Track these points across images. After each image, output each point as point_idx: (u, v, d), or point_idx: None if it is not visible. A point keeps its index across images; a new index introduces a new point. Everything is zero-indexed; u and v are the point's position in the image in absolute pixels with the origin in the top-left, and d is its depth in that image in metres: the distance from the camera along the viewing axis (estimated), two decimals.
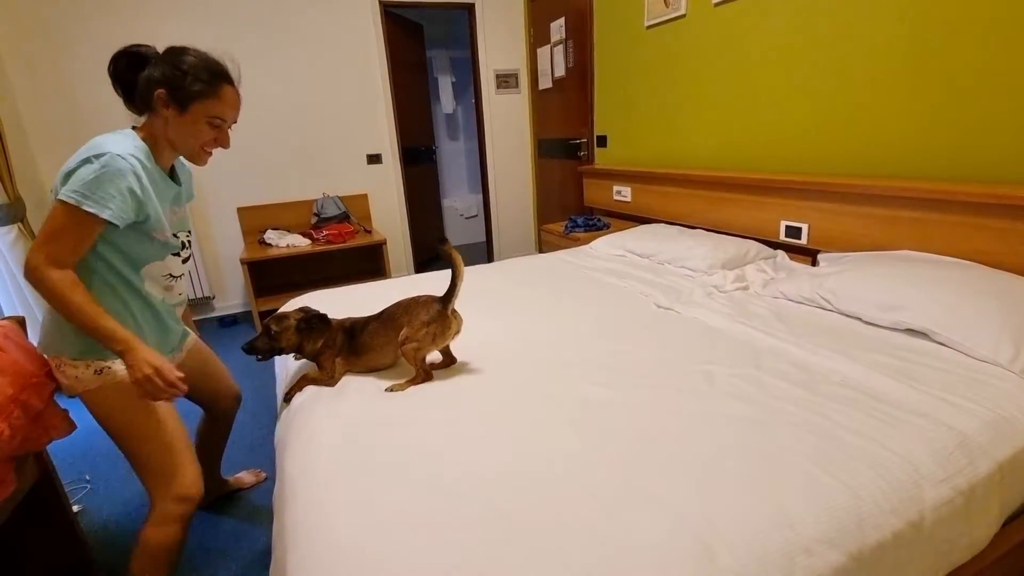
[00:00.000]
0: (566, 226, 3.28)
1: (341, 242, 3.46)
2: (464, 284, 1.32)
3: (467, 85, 5.40)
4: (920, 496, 0.89)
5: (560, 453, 1.00)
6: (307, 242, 3.45)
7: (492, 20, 4.14)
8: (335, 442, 1.08)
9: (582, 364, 1.37)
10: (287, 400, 1.35)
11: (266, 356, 1.37)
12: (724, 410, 1.11)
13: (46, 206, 1.07)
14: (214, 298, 3.75)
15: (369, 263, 3.90)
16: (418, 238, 4.41)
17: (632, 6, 2.99)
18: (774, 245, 2.19)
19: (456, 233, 5.70)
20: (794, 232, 2.07)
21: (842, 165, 2.01)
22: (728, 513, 0.82)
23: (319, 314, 1.40)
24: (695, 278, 2.04)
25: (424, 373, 1.31)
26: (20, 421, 1.15)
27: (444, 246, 1.29)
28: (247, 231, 3.68)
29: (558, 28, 3.72)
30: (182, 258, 1.27)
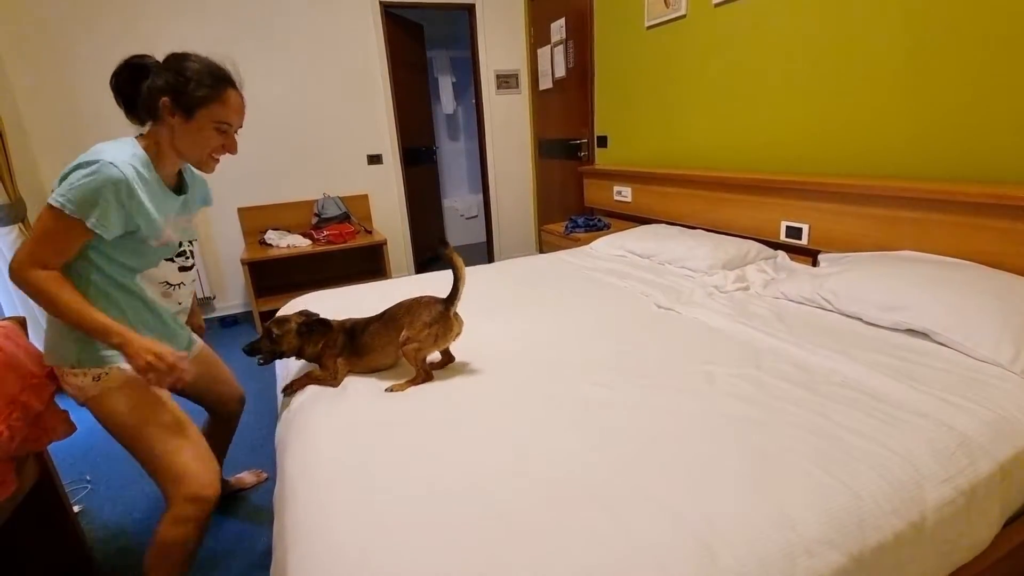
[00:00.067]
0: (566, 226, 3.28)
1: (342, 242, 3.46)
2: (465, 286, 1.32)
3: (467, 85, 5.41)
4: (921, 496, 0.89)
5: (560, 453, 1.00)
6: (308, 242, 3.45)
7: (492, 20, 4.14)
8: (336, 442, 1.08)
9: (582, 364, 1.37)
10: (286, 392, 1.36)
11: (268, 360, 1.37)
12: (724, 410, 1.11)
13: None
14: (215, 298, 3.75)
15: (370, 263, 3.90)
16: (418, 238, 4.41)
17: (632, 6, 2.99)
18: (774, 245, 2.19)
19: (456, 233, 5.70)
20: (794, 232, 2.07)
21: (842, 165, 2.01)
22: (729, 513, 0.82)
23: (320, 318, 1.40)
24: (695, 278, 2.04)
25: (424, 373, 1.31)
26: (20, 422, 1.15)
27: (445, 249, 1.29)
28: (247, 231, 3.68)
29: (558, 28, 3.72)
30: (179, 265, 1.25)
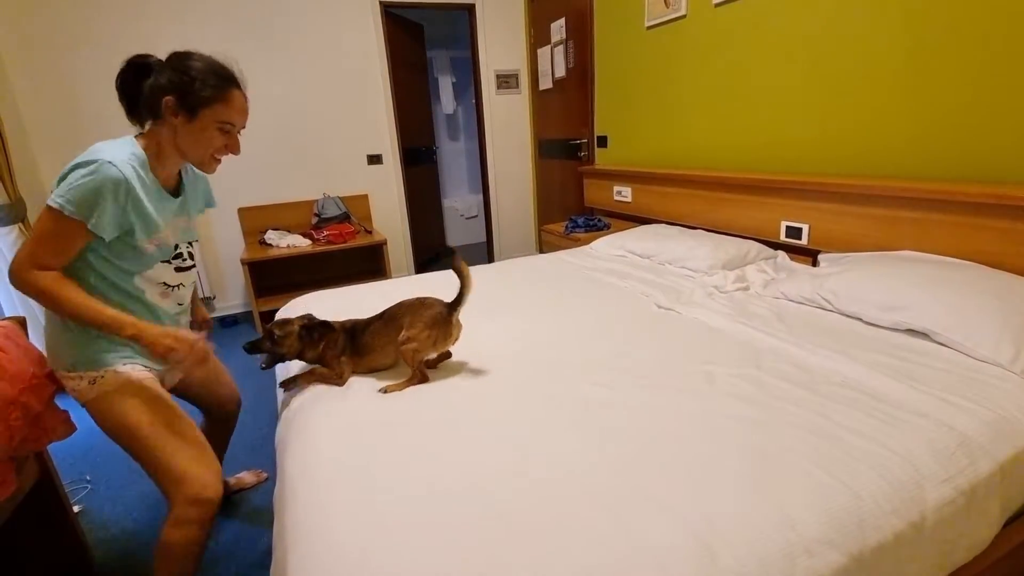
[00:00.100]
0: (566, 226, 3.28)
1: (342, 242, 3.46)
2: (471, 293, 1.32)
3: (467, 85, 5.41)
4: (921, 496, 0.89)
5: (560, 453, 1.00)
6: (308, 242, 3.45)
7: (492, 20, 4.14)
8: (336, 442, 1.08)
9: (582, 364, 1.37)
10: (285, 387, 1.36)
11: (269, 364, 1.36)
12: (725, 410, 1.11)
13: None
14: (215, 298, 3.75)
15: (369, 263, 3.90)
16: (418, 238, 4.41)
17: (632, 7, 2.99)
18: (774, 245, 2.19)
19: (456, 233, 5.70)
20: (794, 232, 2.07)
21: (842, 165, 2.01)
22: (729, 513, 0.82)
23: (322, 321, 1.39)
24: (695, 278, 2.04)
25: (420, 374, 1.31)
26: (20, 422, 1.15)
27: (453, 258, 1.29)
28: (247, 231, 3.68)
29: (558, 28, 3.72)
30: (175, 267, 1.23)
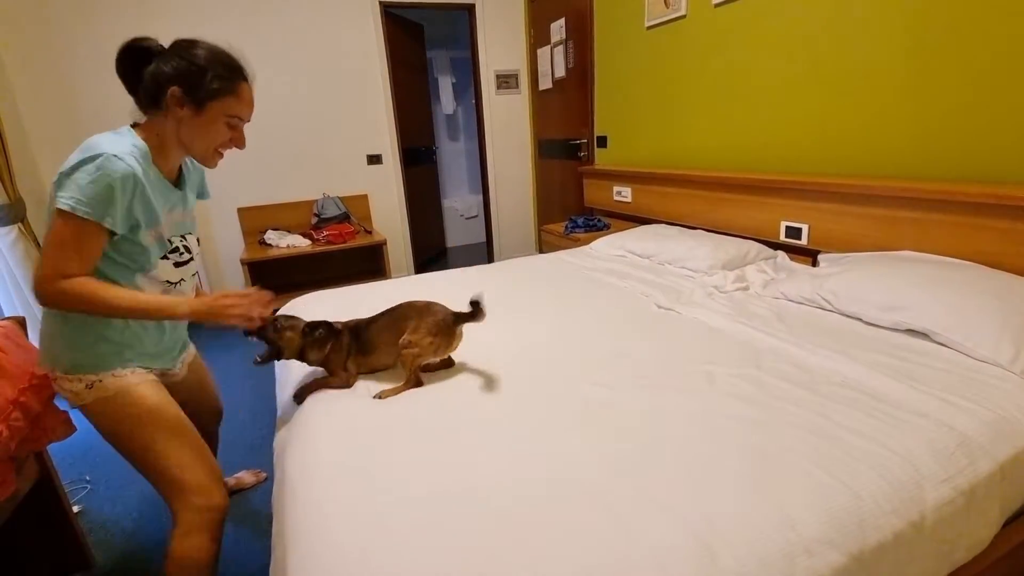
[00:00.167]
0: (566, 226, 3.28)
1: (341, 242, 3.46)
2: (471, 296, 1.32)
3: (467, 85, 5.41)
4: (921, 496, 0.89)
5: (560, 453, 1.00)
6: (307, 242, 3.45)
7: (492, 20, 4.14)
8: (335, 443, 1.08)
9: (582, 364, 1.37)
10: (297, 400, 1.32)
11: (266, 359, 1.32)
12: (725, 410, 1.11)
13: (46, 206, 1.03)
14: None
15: (369, 263, 3.90)
16: (418, 238, 4.41)
17: (632, 7, 2.99)
18: (774, 246, 2.19)
19: (456, 233, 5.70)
20: (794, 233, 2.07)
21: (842, 165, 2.01)
22: (729, 513, 0.82)
23: (328, 323, 1.35)
24: (695, 278, 2.04)
25: (415, 379, 1.30)
26: (19, 423, 1.15)
27: (479, 307, 1.30)
28: (247, 231, 3.68)
29: (558, 29, 3.72)
30: (173, 262, 1.17)
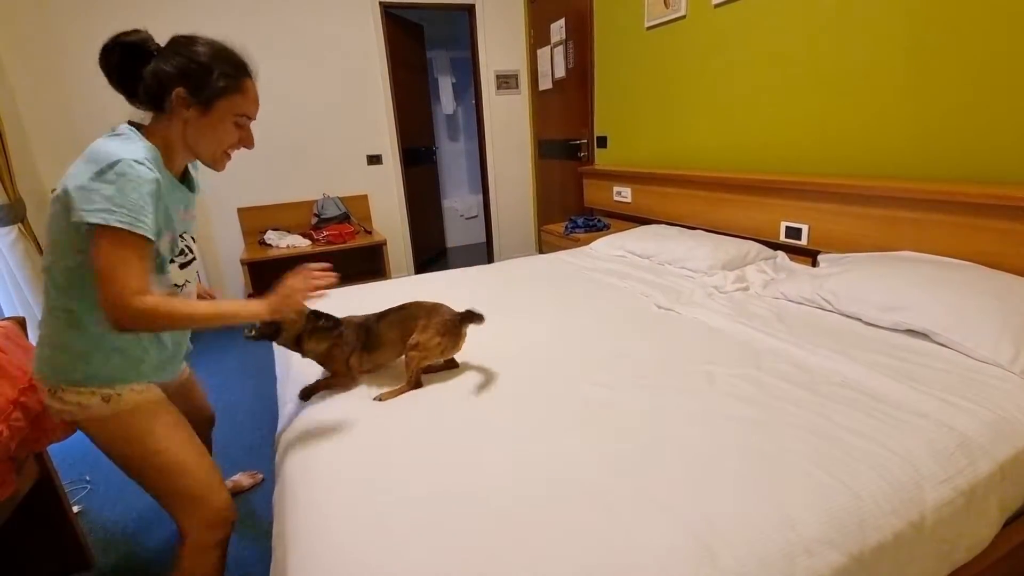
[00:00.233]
0: (566, 227, 3.28)
1: (341, 243, 3.46)
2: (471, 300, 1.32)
3: (467, 86, 5.41)
4: (921, 497, 0.89)
5: (560, 453, 1.00)
6: (307, 243, 3.45)
7: (492, 21, 4.14)
8: (335, 444, 1.09)
9: (582, 364, 1.37)
10: (303, 398, 1.31)
11: (256, 336, 1.25)
12: (725, 410, 1.11)
13: (46, 207, 1.00)
14: (214, 299, 3.75)
15: (369, 264, 3.90)
16: (418, 239, 4.41)
17: (632, 7, 2.99)
18: (774, 246, 2.19)
19: (456, 234, 5.70)
20: (794, 233, 2.07)
21: (842, 166, 2.01)
22: (729, 514, 0.82)
23: (334, 317, 1.34)
24: (695, 279, 2.05)
25: (416, 381, 1.30)
26: (20, 423, 1.16)
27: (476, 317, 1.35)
28: (247, 232, 3.68)
29: (558, 29, 3.73)
30: (178, 264, 1.15)
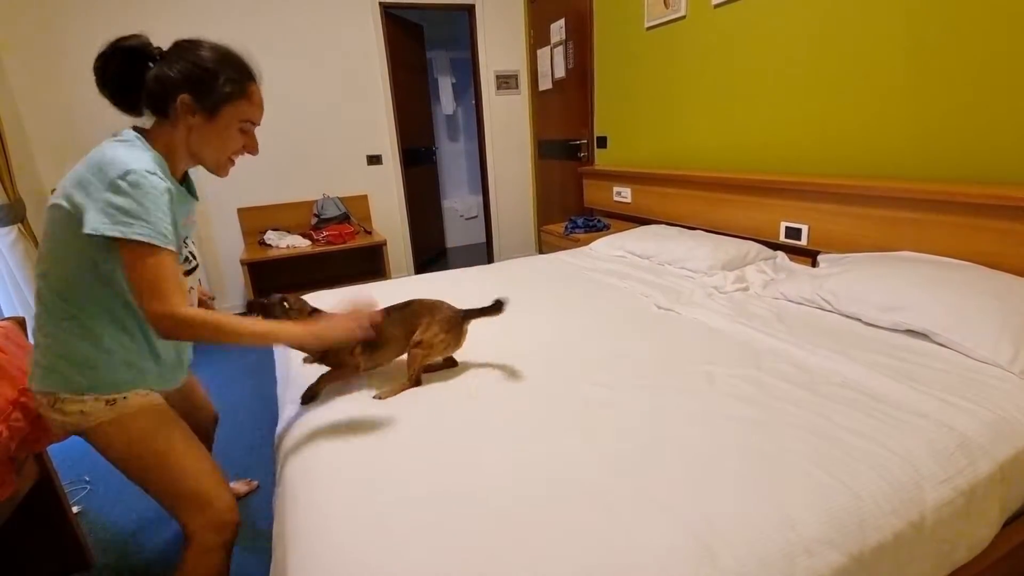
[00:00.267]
0: (566, 227, 3.28)
1: (341, 243, 3.46)
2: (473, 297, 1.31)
3: (467, 86, 5.41)
4: (921, 497, 0.89)
5: (560, 453, 1.00)
6: (307, 243, 3.45)
7: (492, 21, 4.14)
8: (335, 444, 1.08)
9: (582, 365, 1.37)
10: (305, 401, 1.28)
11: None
12: (725, 411, 1.11)
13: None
14: (214, 299, 3.73)
15: (369, 264, 3.90)
16: (418, 239, 4.41)
17: (632, 7, 2.99)
18: (774, 246, 2.19)
19: (456, 234, 5.70)
20: (794, 233, 2.07)
21: (842, 166, 2.01)
22: (729, 514, 0.82)
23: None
24: (695, 279, 2.05)
25: (416, 379, 1.30)
26: (20, 423, 1.16)
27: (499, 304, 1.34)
28: (247, 232, 3.68)
29: (558, 29, 3.73)
30: (183, 271, 1.13)
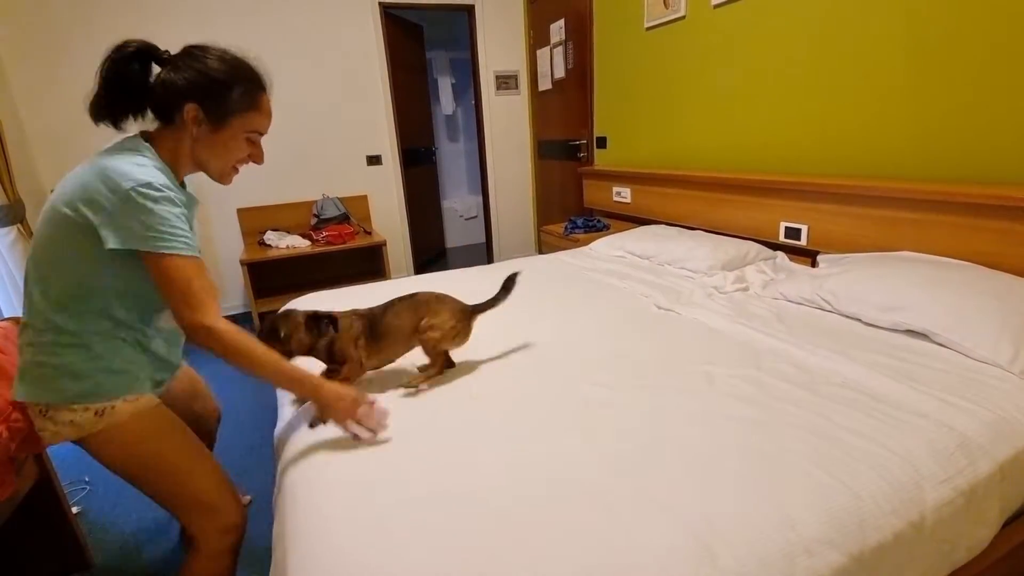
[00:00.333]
0: (566, 227, 3.28)
1: (341, 243, 3.46)
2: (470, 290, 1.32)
3: (467, 86, 5.41)
4: (921, 497, 0.89)
5: (560, 454, 1.00)
6: (307, 243, 3.45)
7: (492, 21, 4.14)
8: (335, 445, 1.08)
9: (582, 365, 1.37)
10: (314, 426, 1.15)
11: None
12: (725, 411, 1.11)
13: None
14: None
15: (369, 264, 3.90)
16: (418, 239, 4.41)
17: (632, 8, 2.99)
18: (774, 246, 2.19)
19: (456, 234, 5.70)
20: (794, 233, 2.07)
21: (842, 166, 2.02)
22: (729, 514, 0.82)
23: (329, 314, 1.25)
24: (695, 279, 2.05)
25: (445, 361, 1.30)
26: (19, 424, 1.15)
27: (512, 279, 1.39)
28: (247, 232, 3.68)
29: (558, 29, 3.73)
30: None
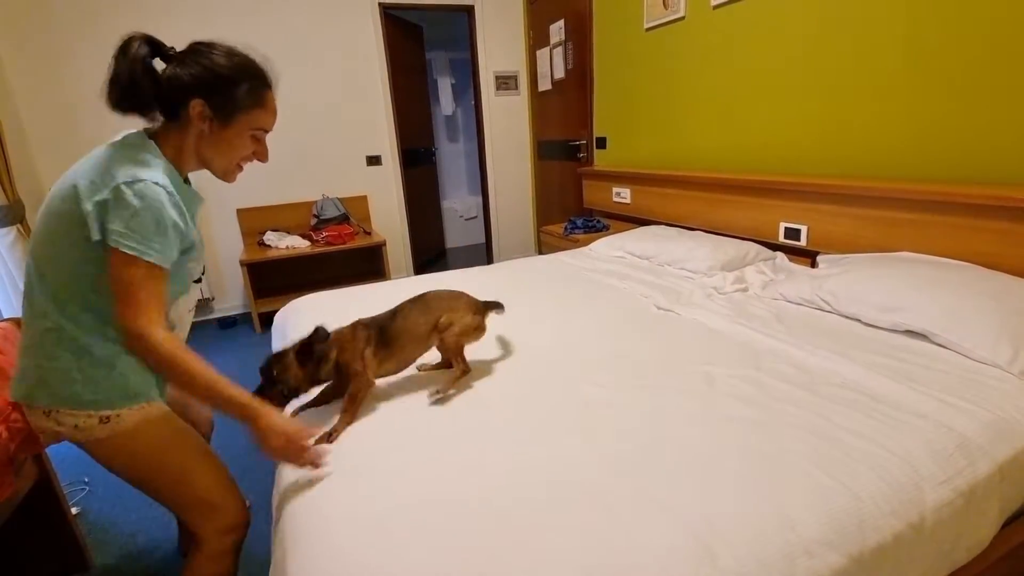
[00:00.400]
0: (566, 228, 3.28)
1: (341, 243, 3.46)
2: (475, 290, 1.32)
3: (467, 87, 5.41)
4: (920, 498, 0.89)
5: (560, 454, 1.00)
6: (307, 243, 3.46)
7: (492, 22, 4.15)
8: (335, 445, 1.08)
9: (582, 365, 1.37)
10: (329, 440, 1.12)
11: (284, 404, 1.15)
12: (724, 411, 1.11)
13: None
14: (213, 299, 3.75)
15: (369, 264, 3.90)
16: (418, 240, 4.41)
17: (631, 8, 2.99)
18: (773, 247, 2.19)
19: (456, 235, 5.70)
20: (793, 234, 2.07)
21: (841, 166, 2.02)
22: (728, 514, 0.82)
23: (313, 333, 1.13)
24: (695, 279, 2.05)
25: (466, 366, 1.29)
26: (19, 424, 1.16)
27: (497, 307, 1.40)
28: (247, 232, 3.69)
29: (558, 30, 3.73)
30: (193, 279, 1.11)
